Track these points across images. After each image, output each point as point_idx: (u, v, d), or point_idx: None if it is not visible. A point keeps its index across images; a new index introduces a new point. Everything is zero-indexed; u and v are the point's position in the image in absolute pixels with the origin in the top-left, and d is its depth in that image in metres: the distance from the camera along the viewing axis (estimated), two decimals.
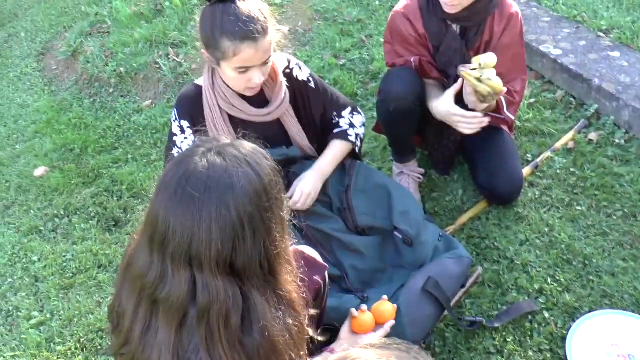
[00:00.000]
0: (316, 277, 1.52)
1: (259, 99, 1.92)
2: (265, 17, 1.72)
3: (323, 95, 2.06)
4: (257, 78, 1.77)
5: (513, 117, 2.20)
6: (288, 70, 1.98)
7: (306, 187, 1.94)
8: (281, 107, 1.93)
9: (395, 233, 2.00)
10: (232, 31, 1.66)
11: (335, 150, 2.05)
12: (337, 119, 2.09)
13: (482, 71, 1.92)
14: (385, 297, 1.71)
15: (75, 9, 4.99)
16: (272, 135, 1.88)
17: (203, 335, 1.07)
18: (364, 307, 1.66)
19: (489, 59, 1.92)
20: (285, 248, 1.18)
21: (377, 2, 3.80)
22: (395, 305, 1.69)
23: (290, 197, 1.92)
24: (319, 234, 1.97)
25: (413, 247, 1.98)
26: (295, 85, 1.98)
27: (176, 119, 1.94)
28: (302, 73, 2.01)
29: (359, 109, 2.15)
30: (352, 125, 2.08)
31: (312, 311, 1.31)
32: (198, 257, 1.05)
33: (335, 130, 2.07)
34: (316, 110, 2.05)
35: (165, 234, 1.06)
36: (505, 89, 1.95)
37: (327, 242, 1.98)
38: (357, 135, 2.09)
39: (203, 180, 1.05)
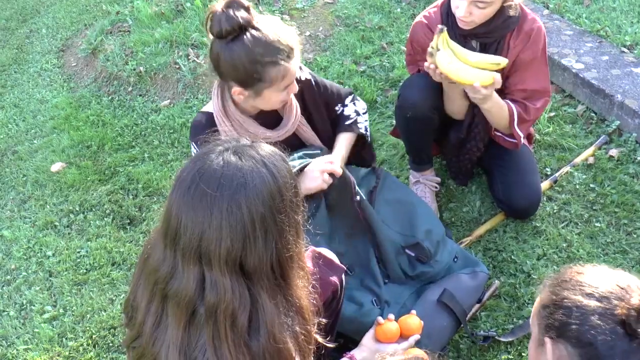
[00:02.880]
0: (333, 278, 1.52)
1: (272, 118, 1.91)
2: (285, 29, 1.71)
3: (324, 91, 2.06)
4: (294, 88, 1.78)
5: (522, 134, 2.12)
6: None
7: (331, 157, 1.90)
8: (294, 123, 1.93)
9: (407, 251, 1.99)
10: (276, 57, 1.64)
11: (347, 142, 2.05)
12: (341, 107, 2.09)
13: (443, 53, 1.87)
14: (414, 311, 1.72)
15: (97, 7, 5.02)
16: (287, 144, 1.87)
17: (210, 334, 1.07)
18: (392, 316, 1.65)
19: (460, 49, 1.89)
20: (299, 252, 1.17)
21: (398, 10, 3.80)
22: (422, 322, 1.68)
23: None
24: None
25: (426, 264, 1.97)
26: (302, 86, 1.97)
27: (196, 147, 1.90)
28: (304, 73, 2.01)
29: (356, 96, 2.16)
30: (358, 114, 2.09)
31: (323, 320, 1.30)
32: (208, 254, 1.05)
33: (346, 122, 2.07)
34: (321, 106, 2.06)
35: (177, 230, 1.07)
36: (475, 84, 1.87)
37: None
38: (365, 126, 2.10)
39: (216, 177, 1.05)
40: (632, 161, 2.45)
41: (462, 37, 2.07)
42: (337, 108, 2.08)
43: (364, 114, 2.11)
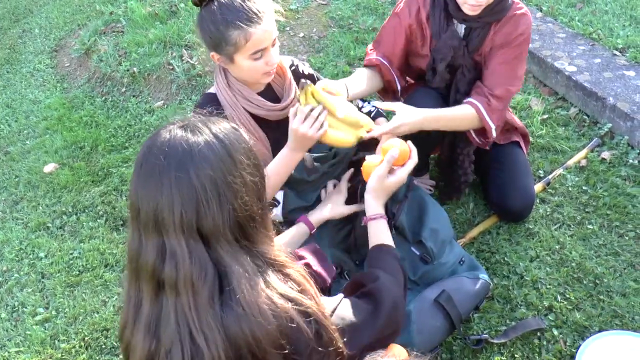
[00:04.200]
0: (325, 275, 1.52)
1: (270, 96, 1.95)
2: None
3: None
4: (273, 58, 1.80)
5: (493, 125, 2.03)
6: (293, 67, 2.05)
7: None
8: (294, 102, 1.95)
9: (413, 249, 1.96)
10: (236, 19, 1.68)
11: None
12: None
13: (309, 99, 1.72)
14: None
15: (90, 7, 5.01)
16: (287, 133, 1.88)
17: (173, 305, 1.07)
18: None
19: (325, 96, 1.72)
20: (262, 215, 1.16)
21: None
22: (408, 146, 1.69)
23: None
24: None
25: (429, 265, 1.94)
26: (302, 77, 2.00)
27: None
28: (307, 68, 2.09)
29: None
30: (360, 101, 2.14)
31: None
32: (163, 223, 1.06)
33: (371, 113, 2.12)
34: None
35: (137, 206, 1.09)
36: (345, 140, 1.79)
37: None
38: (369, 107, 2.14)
39: (163, 149, 1.08)
40: (624, 164, 2.46)
41: (446, 18, 2.05)
42: None
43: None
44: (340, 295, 1.35)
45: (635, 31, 3.11)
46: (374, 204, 1.65)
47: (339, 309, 1.28)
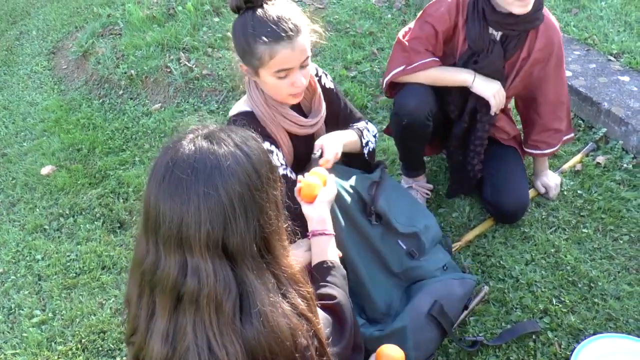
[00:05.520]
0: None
1: (296, 110, 1.89)
2: (296, 16, 1.69)
3: (343, 105, 2.06)
4: (299, 81, 1.72)
5: (555, 148, 2.33)
6: (317, 78, 1.97)
7: (329, 141, 1.84)
8: (323, 117, 1.92)
9: (400, 242, 1.95)
10: (264, 34, 1.63)
11: (351, 133, 1.98)
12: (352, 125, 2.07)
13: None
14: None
15: (88, 9, 5.02)
16: (308, 146, 1.86)
17: (192, 321, 1.06)
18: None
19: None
20: (280, 227, 1.17)
21: (389, 16, 3.83)
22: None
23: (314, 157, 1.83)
24: None
25: (415, 260, 1.95)
26: (324, 92, 1.97)
27: None
28: (329, 81, 2.02)
29: (371, 123, 2.13)
30: (367, 129, 2.04)
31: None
32: (188, 240, 1.04)
33: (354, 125, 2.04)
34: (335, 118, 2.04)
35: (156, 220, 1.07)
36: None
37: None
38: (368, 141, 2.03)
39: (190, 162, 1.05)
40: (619, 168, 2.48)
41: (486, 27, 2.03)
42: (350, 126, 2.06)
43: (373, 134, 2.07)
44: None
45: (629, 37, 3.14)
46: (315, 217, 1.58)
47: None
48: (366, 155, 2.04)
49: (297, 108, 1.89)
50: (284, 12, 1.67)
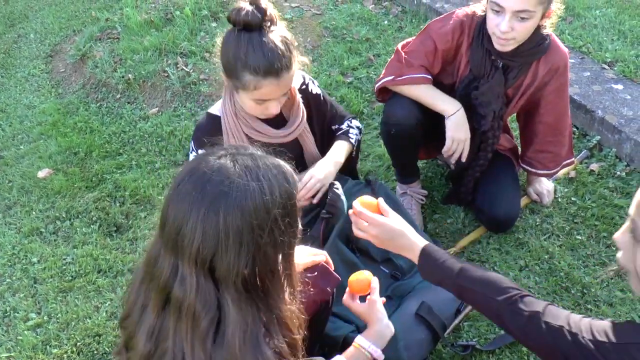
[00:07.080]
0: (328, 289, 1.53)
1: (277, 119, 1.92)
2: (290, 52, 1.71)
3: (330, 109, 2.12)
4: (273, 109, 1.79)
5: (553, 171, 2.33)
6: (304, 87, 2.01)
7: (318, 173, 1.93)
8: (300, 127, 1.96)
9: (382, 267, 1.98)
10: (255, 66, 1.65)
11: (342, 146, 2.06)
12: (337, 126, 2.15)
13: None
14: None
15: (86, 13, 5.03)
16: (288, 149, 1.89)
17: (174, 327, 1.09)
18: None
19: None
20: (287, 271, 1.16)
21: (385, 22, 3.85)
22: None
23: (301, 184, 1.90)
24: None
25: (400, 280, 1.98)
26: (310, 98, 2.02)
27: (193, 149, 1.94)
28: (315, 87, 2.06)
29: (356, 119, 2.19)
30: (351, 127, 2.12)
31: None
32: (182, 248, 1.06)
33: (338, 133, 2.12)
34: (323, 122, 2.11)
35: (163, 217, 1.11)
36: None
37: None
38: (356, 139, 2.12)
39: (203, 180, 1.07)
40: (612, 175, 2.51)
41: (488, 53, 2.03)
42: (333, 127, 2.13)
43: (357, 130, 2.14)
44: None
45: (623, 45, 3.17)
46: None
47: None
48: (354, 154, 2.15)
49: (276, 115, 1.89)
50: (279, 44, 1.67)
